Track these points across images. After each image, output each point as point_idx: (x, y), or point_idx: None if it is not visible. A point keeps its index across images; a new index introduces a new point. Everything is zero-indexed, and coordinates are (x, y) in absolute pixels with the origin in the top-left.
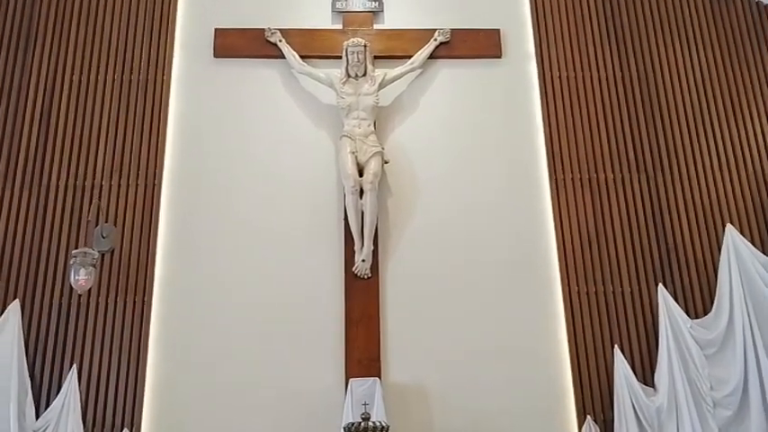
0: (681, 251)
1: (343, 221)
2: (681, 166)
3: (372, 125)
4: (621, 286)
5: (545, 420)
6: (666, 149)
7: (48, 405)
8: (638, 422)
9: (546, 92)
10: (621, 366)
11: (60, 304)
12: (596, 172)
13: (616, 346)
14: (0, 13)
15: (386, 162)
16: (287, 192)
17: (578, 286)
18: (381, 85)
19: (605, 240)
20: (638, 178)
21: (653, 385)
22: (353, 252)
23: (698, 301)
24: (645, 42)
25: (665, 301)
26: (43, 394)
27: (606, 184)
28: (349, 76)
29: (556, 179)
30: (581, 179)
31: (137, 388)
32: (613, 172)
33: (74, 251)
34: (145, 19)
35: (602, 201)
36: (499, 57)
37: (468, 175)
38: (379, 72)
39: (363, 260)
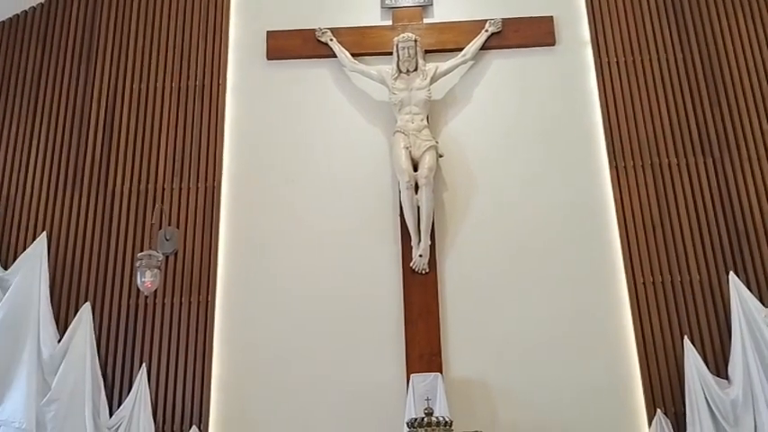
0: (752, 237)
1: (399, 218)
2: (749, 147)
3: (425, 119)
4: (690, 275)
5: (613, 415)
6: (733, 130)
7: (120, 403)
8: (711, 416)
9: (603, 77)
10: (692, 358)
11: (129, 306)
12: (659, 157)
13: (686, 337)
14: (63, 26)
15: (440, 156)
16: (343, 189)
17: (644, 276)
18: (433, 79)
19: (671, 228)
20: (704, 162)
21: (726, 377)
22: (411, 248)
23: None
24: (706, 17)
25: (738, 289)
26: (115, 393)
27: (670, 169)
28: (400, 71)
29: (616, 166)
30: (642, 165)
31: (203, 386)
32: (677, 156)
33: (139, 254)
34: (199, 27)
35: (666, 186)
36: (553, 44)
37: (525, 166)
38: (431, 66)
39: (421, 255)
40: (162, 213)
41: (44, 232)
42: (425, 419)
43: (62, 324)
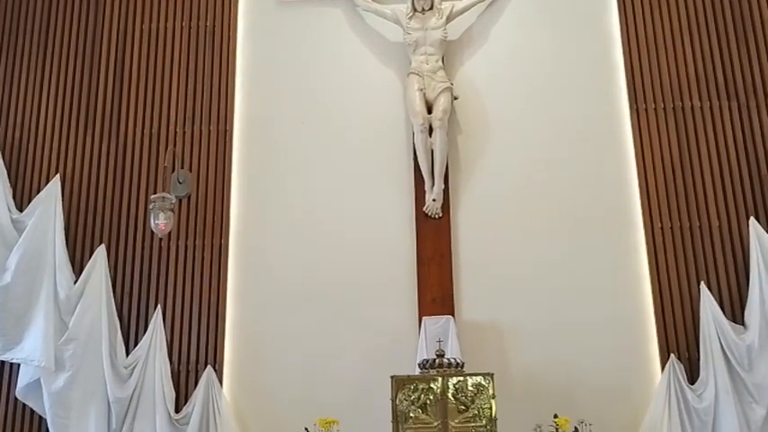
0: None
1: (413, 161)
2: None
3: (440, 60)
4: (709, 220)
5: (626, 359)
6: (761, 74)
7: (136, 344)
8: (725, 361)
9: (626, 15)
10: (708, 303)
11: (143, 248)
12: (681, 100)
13: (702, 282)
14: None
15: (455, 98)
16: (356, 132)
17: (662, 222)
18: (449, 18)
19: (691, 173)
20: (728, 105)
21: (742, 323)
22: (424, 192)
23: None
24: None
25: (758, 234)
26: (131, 334)
27: (693, 112)
28: (415, 10)
29: (637, 109)
30: (664, 108)
31: (218, 327)
32: (700, 99)
33: (152, 196)
34: None
35: (688, 130)
36: None
37: (543, 108)
38: (447, 5)
39: (434, 199)
40: (174, 156)
41: (57, 175)
42: (437, 361)
43: (77, 266)
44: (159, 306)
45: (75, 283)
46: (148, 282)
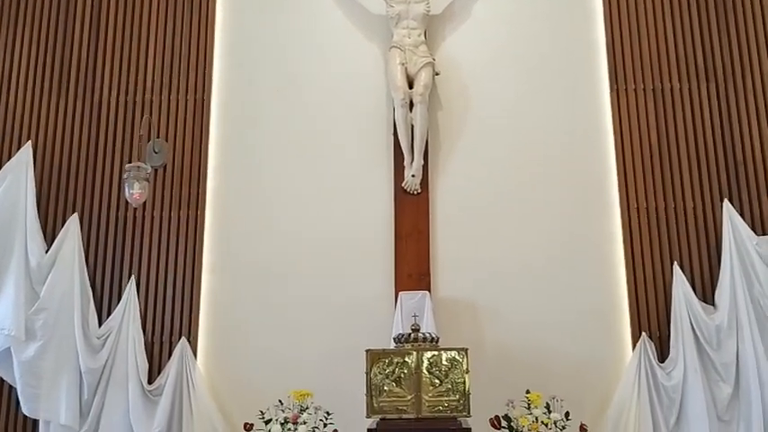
0: (750, 166)
1: (392, 136)
2: (755, 75)
3: (423, 35)
4: (684, 202)
5: (599, 336)
6: (740, 56)
7: (109, 314)
8: (695, 340)
9: None
10: (681, 284)
11: (117, 218)
12: (661, 81)
13: (675, 263)
14: None
15: (437, 74)
16: (336, 105)
17: (638, 202)
18: None
19: (668, 154)
20: (707, 87)
21: (713, 304)
22: (403, 167)
23: (766, 218)
24: None
25: (731, 217)
26: (104, 304)
27: (672, 93)
28: None
29: (617, 89)
30: (644, 89)
31: (192, 298)
32: (680, 81)
33: (127, 165)
34: None
35: (667, 112)
36: None
37: (523, 85)
38: None
39: (413, 175)
40: (150, 125)
41: (29, 141)
42: (412, 335)
43: (49, 235)
44: (133, 277)
45: (47, 252)
46: (122, 252)
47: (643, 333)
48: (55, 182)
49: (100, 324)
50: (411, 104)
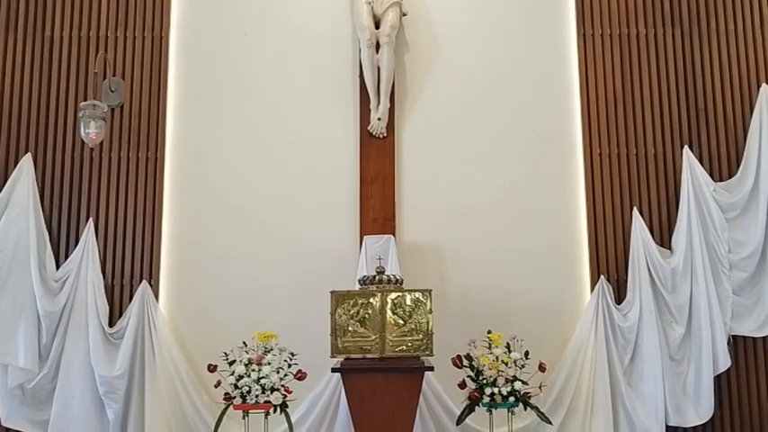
0: (711, 113)
1: (358, 78)
2: (719, 22)
3: None
4: (645, 148)
5: (558, 280)
6: (705, 2)
7: (67, 257)
8: (651, 282)
9: None
10: (639, 228)
11: (73, 159)
12: (627, 27)
13: (635, 208)
14: None
15: (404, 14)
16: (300, 45)
17: (600, 148)
18: None
19: (632, 100)
20: (672, 33)
21: (669, 248)
22: (369, 110)
23: (724, 165)
24: None
25: (690, 163)
26: (62, 247)
27: (637, 39)
28: None
29: (584, 34)
30: (611, 35)
31: (153, 241)
32: (646, 27)
33: (82, 104)
34: None
35: (632, 58)
36: None
37: (490, 29)
38: None
39: (379, 118)
40: (106, 63)
41: None
42: (377, 277)
43: (1, 176)
44: (91, 219)
45: None
46: (79, 194)
47: (601, 276)
48: (6, 120)
49: (57, 267)
50: (378, 46)
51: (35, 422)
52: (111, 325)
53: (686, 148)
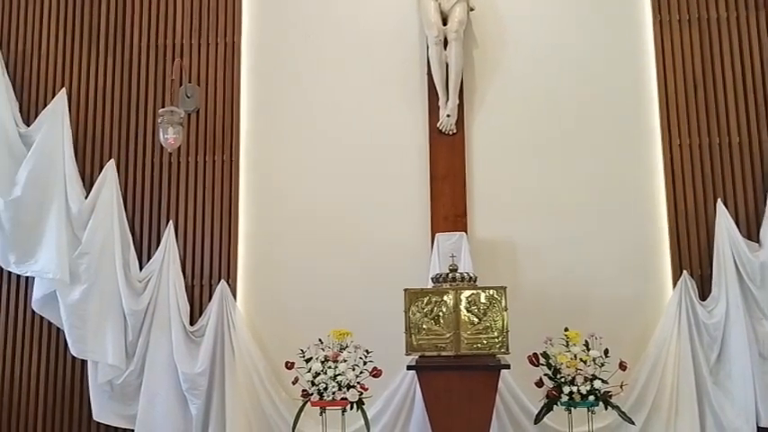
0: None
1: (427, 75)
2: None
3: None
4: (729, 137)
5: (638, 275)
6: None
7: (149, 258)
8: (738, 277)
9: None
10: (724, 220)
11: (153, 164)
12: (707, 10)
13: (719, 200)
14: None
15: (471, 9)
16: (368, 45)
17: (680, 138)
18: None
19: (713, 87)
20: (756, 15)
21: (757, 240)
22: (438, 107)
23: None
24: None
25: None
26: (144, 249)
27: (718, 23)
28: None
29: (660, 19)
30: (689, 19)
31: (230, 241)
32: (727, 10)
33: (160, 110)
34: None
35: (713, 42)
36: None
37: (562, 19)
38: None
39: (448, 115)
40: (182, 69)
41: (63, 89)
42: (450, 275)
43: (87, 181)
44: (171, 221)
45: (86, 198)
46: (159, 197)
47: (684, 271)
48: (90, 128)
49: (141, 268)
50: (446, 42)
51: (123, 417)
52: (192, 323)
53: None
